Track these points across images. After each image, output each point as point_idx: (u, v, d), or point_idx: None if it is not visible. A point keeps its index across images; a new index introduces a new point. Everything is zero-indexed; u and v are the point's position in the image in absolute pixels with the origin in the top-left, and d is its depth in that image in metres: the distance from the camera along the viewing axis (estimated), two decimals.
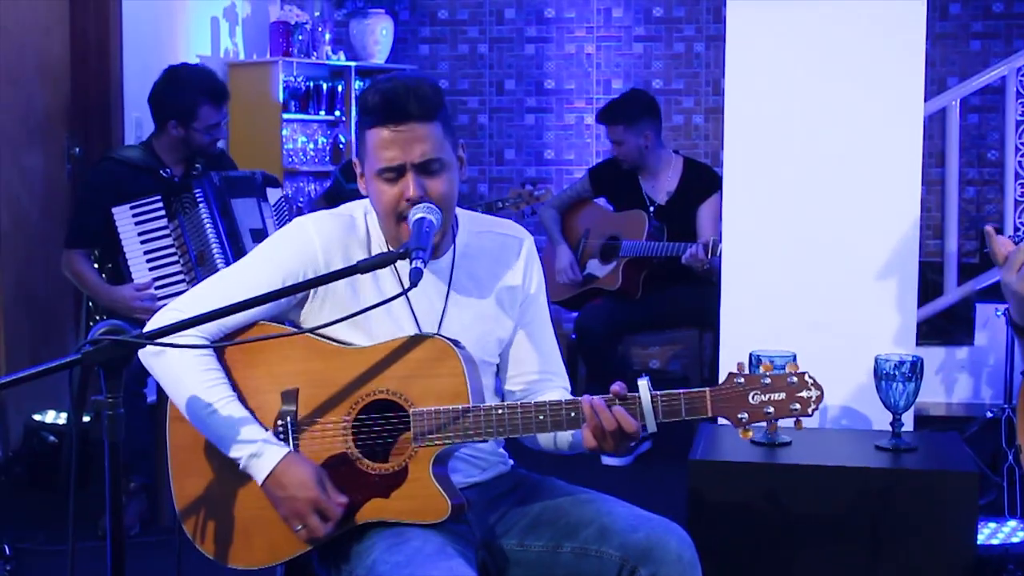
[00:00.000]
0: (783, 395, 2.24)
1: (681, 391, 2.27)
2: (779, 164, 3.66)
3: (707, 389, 2.26)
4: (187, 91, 4.48)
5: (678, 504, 3.16)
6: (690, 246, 5.12)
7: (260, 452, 2.34)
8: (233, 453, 2.35)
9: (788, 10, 3.62)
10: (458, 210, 2.59)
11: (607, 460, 4.74)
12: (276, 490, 2.34)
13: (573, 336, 5.50)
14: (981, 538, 3.84)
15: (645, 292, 5.46)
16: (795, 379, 2.24)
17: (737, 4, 3.66)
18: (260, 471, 2.34)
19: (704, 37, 7.47)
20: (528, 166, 7.69)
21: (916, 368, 3.19)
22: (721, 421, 2.31)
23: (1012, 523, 4.03)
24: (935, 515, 3.06)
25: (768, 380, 2.25)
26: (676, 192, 5.52)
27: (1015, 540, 3.88)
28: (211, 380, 2.38)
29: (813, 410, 2.23)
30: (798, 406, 2.23)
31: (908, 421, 3.42)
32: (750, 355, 3.24)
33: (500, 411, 2.33)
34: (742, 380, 2.26)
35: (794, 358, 3.21)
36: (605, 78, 7.61)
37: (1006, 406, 4.48)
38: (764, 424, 2.27)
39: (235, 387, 2.41)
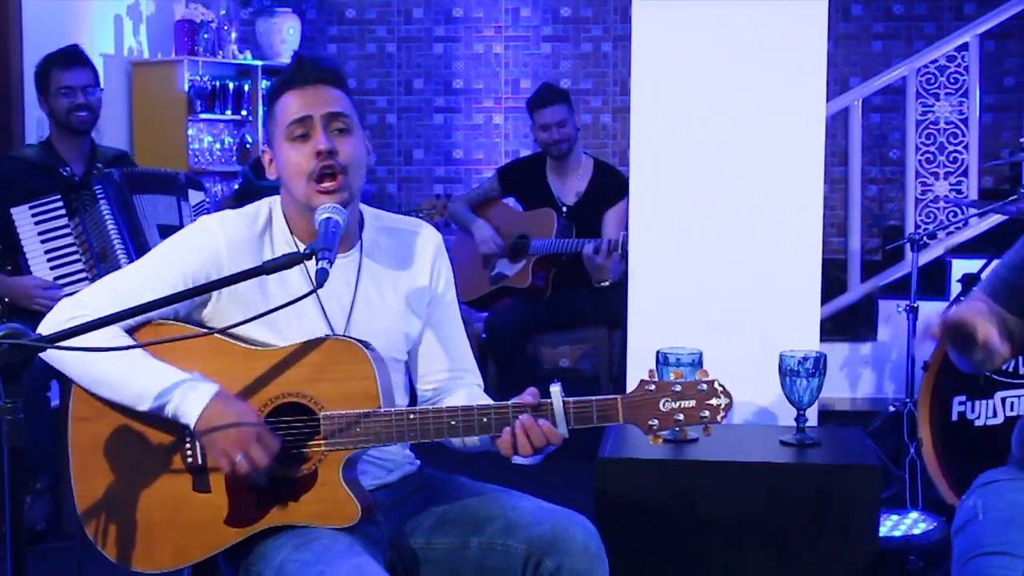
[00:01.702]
0: (693, 402, 2.26)
1: (593, 398, 2.28)
2: (685, 163, 3.69)
3: (618, 397, 2.28)
4: (40, 65, 4.52)
5: (587, 501, 3.17)
6: (592, 242, 5.14)
7: (193, 387, 2.29)
8: (158, 403, 2.29)
9: (693, 10, 3.65)
10: (364, 207, 2.59)
11: (517, 459, 4.71)
12: (215, 421, 2.27)
13: (483, 336, 5.50)
14: (884, 530, 3.91)
15: (555, 291, 5.48)
16: (705, 386, 2.26)
17: (642, 4, 3.68)
18: (193, 408, 2.27)
19: (612, 37, 7.51)
20: (437, 166, 7.68)
21: (819, 364, 3.24)
22: None
23: (914, 515, 4.10)
24: (839, 508, 3.10)
25: (678, 388, 2.26)
26: (585, 194, 5.53)
27: (916, 532, 3.95)
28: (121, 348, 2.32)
29: (722, 417, 2.26)
30: (707, 413, 2.25)
31: (812, 416, 3.46)
32: (657, 353, 3.27)
33: (412, 416, 2.32)
34: (653, 387, 2.27)
35: (700, 356, 3.24)
36: (513, 77, 7.63)
37: (908, 400, 4.54)
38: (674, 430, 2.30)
39: (126, 404, 2.37)
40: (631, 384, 2.29)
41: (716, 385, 2.26)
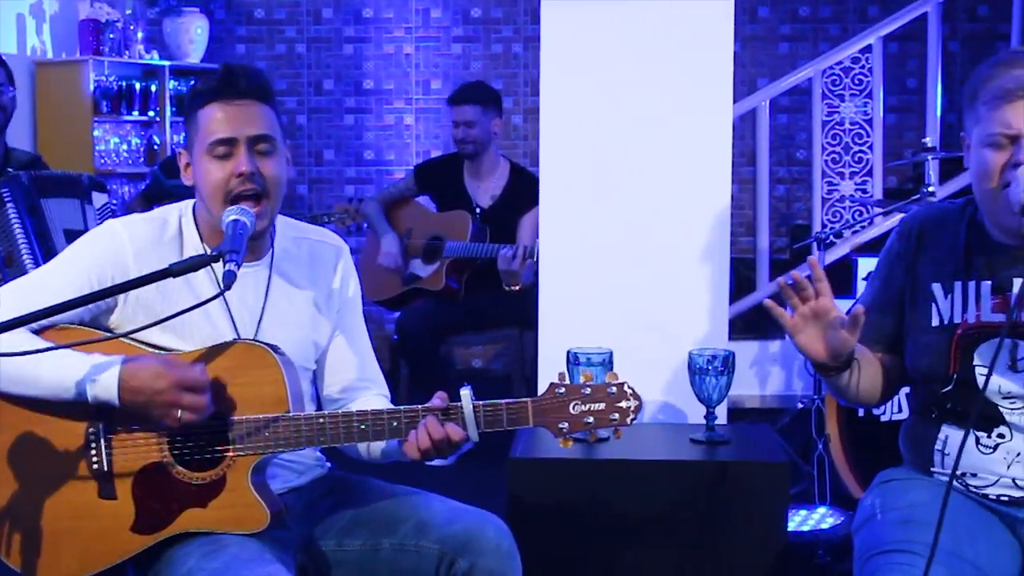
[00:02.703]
0: (603, 405, 2.27)
1: (503, 402, 2.29)
2: (594, 164, 3.71)
3: (528, 400, 2.28)
4: None
5: (500, 502, 3.18)
6: (507, 248, 5.15)
7: (100, 366, 2.26)
8: (76, 392, 2.26)
9: (601, 11, 3.67)
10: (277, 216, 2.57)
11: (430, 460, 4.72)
12: (136, 396, 2.24)
13: (395, 337, 5.48)
14: (793, 525, 3.97)
15: (468, 293, 5.48)
16: (615, 389, 2.28)
17: (551, 5, 3.70)
18: (110, 389, 2.25)
19: (522, 38, 7.54)
20: (348, 167, 7.65)
21: (728, 362, 3.27)
22: None
23: (822, 510, 4.16)
24: (748, 504, 3.13)
25: (588, 390, 2.28)
26: (500, 197, 5.54)
27: (824, 526, 4.02)
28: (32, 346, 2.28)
29: (632, 420, 2.27)
30: (617, 416, 2.27)
31: (722, 414, 3.50)
32: (568, 353, 3.28)
33: (321, 420, 2.31)
34: (563, 390, 2.28)
35: (611, 355, 3.26)
36: (424, 78, 7.62)
37: (816, 397, 4.61)
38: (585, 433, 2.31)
39: (43, 397, 2.33)
40: (543, 384, 2.30)
41: (626, 388, 2.28)
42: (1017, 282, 2.32)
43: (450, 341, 5.55)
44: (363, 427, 2.30)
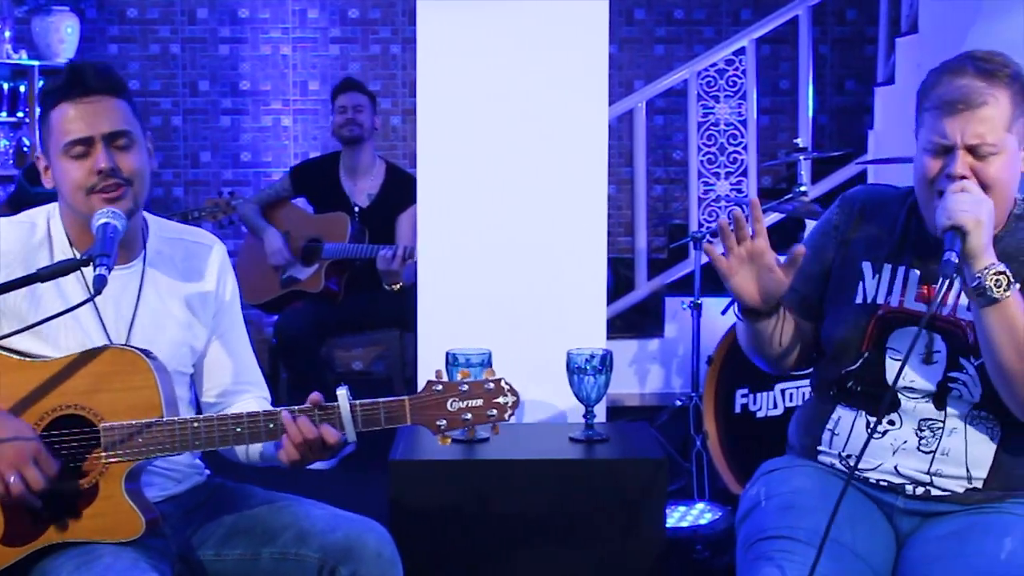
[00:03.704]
0: (481, 401, 2.28)
1: (381, 400, 2.28)
2: (471, 165, 3.71)
3: (406, 398, 2.28)
4: None
5: (383, 505, 3.17)
6: (387, 248, 5.14)
7: None
8: None
9: (477, 12, 3.67)
10: (149, 216, 2.54)
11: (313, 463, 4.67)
12: None
13: (274, 340, 5.43)
14: (672, 521, 4.01)
15: (347, 294, 5.45)
16: (492, 385, 2.28)
17: (427, 5, 3.69)
18: None
19: (400, 39, 7.52)
20: (225, 169, 7.55)
21: (606, 361, 3.30)
22: None
23: (700, 505, 4.22)
24: (627, 502, 3.16)
25: (466, 387, 2.28)
26: (378, 196, 5.53)
27: (703, 521, 4.07)
28: None
29: (510, 415, 2.28)
30: (495, 412, 2.28)
31: (601, 412, 3.53)
32: (447, 354, 3.28)
33: (196, 424, 2.28)
34: (440, 387, 2.28)
35: (489, 355, 3.27)
36: (302, 79, 7.56)
37: (694, 394, 4.67)
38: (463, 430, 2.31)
39: None
40: (422, 385, 2.30)
41: (503, 384, 2.29)
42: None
43: (330, 343, 5.51)
44: (239, 430, 2.28)
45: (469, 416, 2.28)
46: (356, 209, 5.51)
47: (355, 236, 5.40)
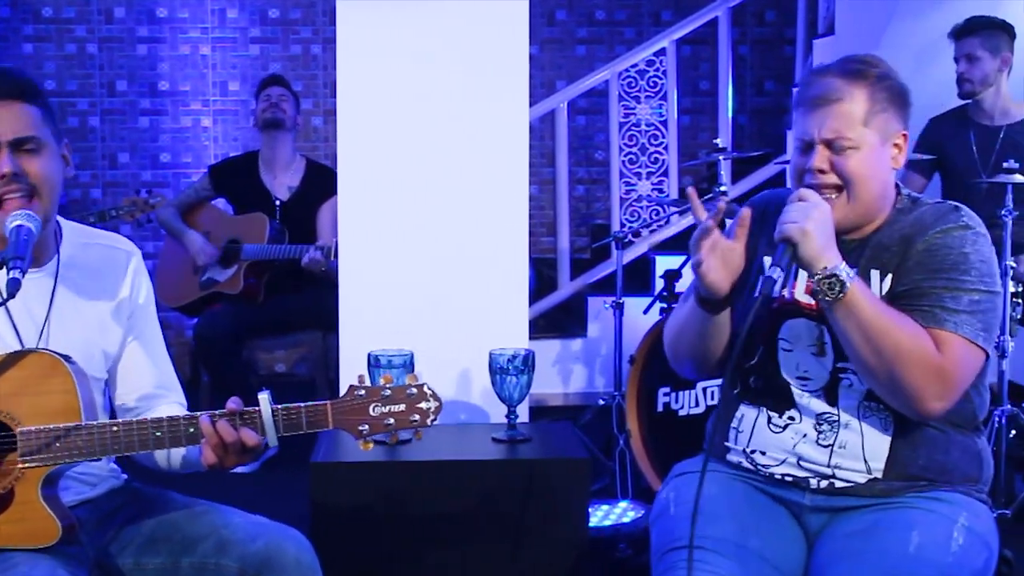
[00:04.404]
0: (403, 407, 2.26)
1: (302, 404, 2.26)
2: (392, 166, 3.70)
3: (328, 402, 2.26)
4: None
5: (305, 507, 3.15)
6: (309, 249, 5.11)
7: None
8: None
9: (398, 12, 3.66)
10: (63, 220, 2.50)
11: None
12: None
13: (194, 343, 5.37)
14: (595, 520, 4.03)
15: (268, 295, 5.41)
16: (415, 391, 2.27)
17: (347, 6, 3.68)
18: None
19: (321, 39, 7.47)
20: (144, 170, 7.45)
21: (528, 361, 3.30)
22: None
23: (623, 504, 4.24)
24: (550, 501, 3.17)
25: (388, 392, 2.27)
26: (299, 189, 5.50)
27: (625, 520, 4.09)
28: None
29: (432, 421, 2.27)
30: (417, 417, 2.26)
31: (524, 412, 3.54)
32: (368, 355, 3.27)
33: (115, 428, 2.25)
34: (363, 392, 2.27)
35: (412, 357, 3.26)
36: (222, 79, 7.48)
37: (616, 393, 4.70)
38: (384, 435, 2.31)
39: None
40: (344, 387, 2.29)
41: (425, 389, 2.27)
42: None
43: (251, 345, 5.46)
44: (159, 434, 2.25)
45: (392, 421, 2.26)
46: (277, 203, 5.47)
47: (274, 236, 5.35)
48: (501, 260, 3.72)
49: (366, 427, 2.26)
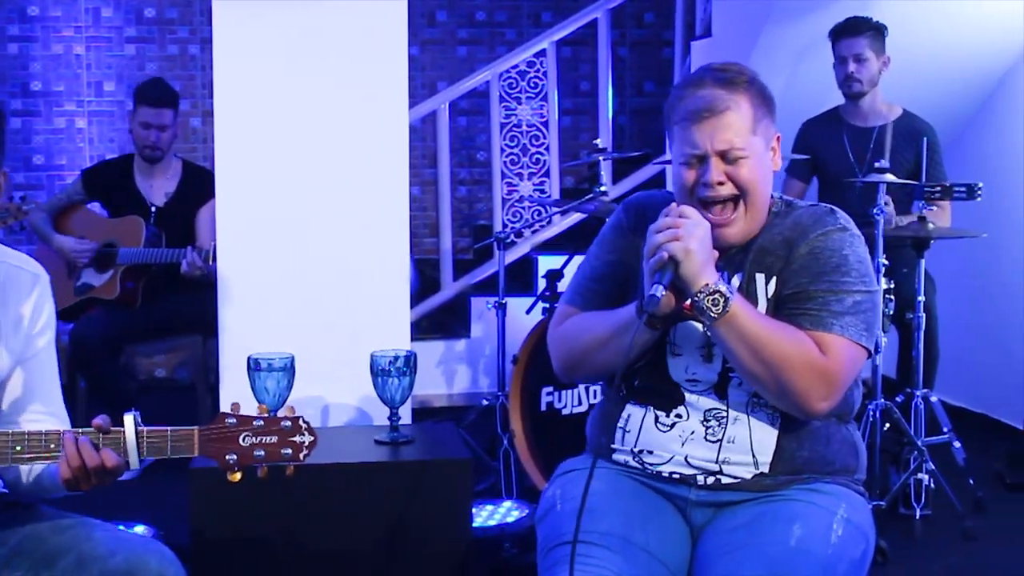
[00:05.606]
0: (275, 439, 2.19)
1: (168, 428, 2.19)
2: (271, 168, 3.67)
3: (196, 428, 2.19)
4: None
5: (185, 514, 3.11)
6: (187, 253, 5.02)
7: None
8: None
9: (275, 12, 3.63)
10: None
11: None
12: None
13: (69, 349, 5.25)
14: (480, 520, 4.03)
15: (145, 300, 5.31)
16: (289, 423, 2.19)
17: (223, 5, 3.63)
18: None
19: (199, 39, 7.37)
20: (16, 172, 7.27)
21: (410, 362, 3.30)
22: None
23: (508, 504, 4.25)
24: (433, 502, 3.17)
25: (261, 423, 2.19)
26: (175, 194, 5.40)
27: (510, 519, 4.10)
28: None
29: (305, 455, 2.20)
30: (290, 451, 2.19)
31: (406, 414, 3.53)
32: (248, 359, 3.23)
33: None
34: (234, 420, 2.19)
35: (292, 360, 3.23)
36: (96, 80, 7.34)
37: (500, 394, 4.71)
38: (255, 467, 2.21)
39: None
40: (225, 394, 2.24)
41: (301, 422, 2.20)
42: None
43: (129, 351, 5.36)
44: (18, 448, 2.17)
45: (262, 453, 2.18)
46: (153, 209, 5.37)
47: (151, 240, 5.25)
48: (382, 262, 3.71)
49: (233, 457, 2.18)
